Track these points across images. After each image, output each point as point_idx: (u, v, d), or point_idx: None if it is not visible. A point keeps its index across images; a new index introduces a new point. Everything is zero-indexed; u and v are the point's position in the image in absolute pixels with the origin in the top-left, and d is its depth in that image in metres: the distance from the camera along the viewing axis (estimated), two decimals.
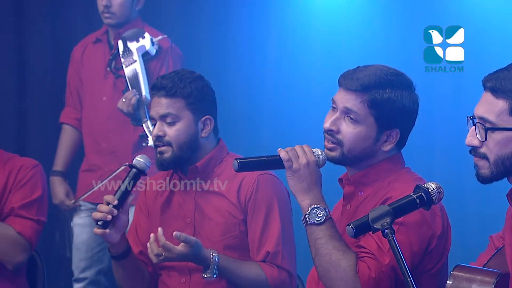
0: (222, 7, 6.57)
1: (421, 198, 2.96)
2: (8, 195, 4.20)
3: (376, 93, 3.27)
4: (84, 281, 5.57)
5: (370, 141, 3.29)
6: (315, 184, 3.24)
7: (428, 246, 3.22)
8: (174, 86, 3.85)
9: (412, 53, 6.42)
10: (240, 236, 3.85)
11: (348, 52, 6.55)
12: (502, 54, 6.41)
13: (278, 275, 3.81)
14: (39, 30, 6.45)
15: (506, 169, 2.96)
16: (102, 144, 5.43)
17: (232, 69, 6.48)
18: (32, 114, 6.49)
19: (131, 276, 3.91)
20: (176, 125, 3.86)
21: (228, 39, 6.52)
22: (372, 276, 3.14)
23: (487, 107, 2.97)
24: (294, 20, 6.76)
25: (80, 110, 5.55)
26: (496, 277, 3.00)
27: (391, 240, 2.85)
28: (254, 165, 3.35)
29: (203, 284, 3.85)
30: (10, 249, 4.15)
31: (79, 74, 5.54)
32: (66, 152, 5.59)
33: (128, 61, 5.14)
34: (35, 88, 6.47)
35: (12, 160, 4.27)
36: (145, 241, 3.89)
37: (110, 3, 5.33)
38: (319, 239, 3.19)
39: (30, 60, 6.50)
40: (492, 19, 6.59)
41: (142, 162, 3.76)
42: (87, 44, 5.56)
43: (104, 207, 3.68)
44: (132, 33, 5.22)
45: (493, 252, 3.19)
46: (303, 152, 3.25)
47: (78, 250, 5.57)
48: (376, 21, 6.71)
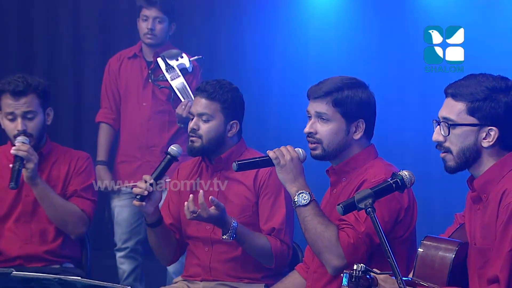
0: (236, 20, 6.36)
1: (397, 183, 3.00)
2: (70, 179, 4.23)
3: (337, 94, 3.37)
4: (126, 250, 5.55)
5: (342, 133, 3.38)
6: (299, 174, 3.36)
7: (397, 217, 3.30)
8: (214, 92, 3.86)
9: (412, 53, 5.89)
10: (252, 216, 3.85)
11: (348, 52, 6.14)
12: (502, 54, 5.78)
13: (280, 247, 3.81)
14: (92, 44, 6.48)
15: (467, 159, 2.98)
16: (142, 140, 5.40)
17: (244, 76, 6.25)
18: (85, 114, 6.46)
19: (161, 240, 3.91)
20: (209, 123, 3.86)
21: (242, 51, 6.35)
22: (351, 242, 3.24)
23: (449, 109, 3.00)
24: (298, 22, 6.26)
25: (115, 111, 5.52)
26: (457, 245, 3.01)
27: (372, 217, 2.87)
28: (249, 165, 3.50)
29: (222, 253, 3.87)
30: (75, 223, 4.18)
31: (116, 82, 5.50)
32: (106, 145, 5.55)
33: (173, 75, 5.15)
34: (88, 93, 6.46)
35: (70, 152, 4.31)
36: (176, 214, 3.95)
37: (154, 28, 5.33)
38: (306, 217, 3.29)
39: (84, 71, 6.50)
40: (492, 19, 5.90)
41: (175, 150, 3.78)
42: (123, 58, 5.52)
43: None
44: (171, 53, 5.23)
45: (457, 227, 3.21)
46: (287, 151, 3.38)
47: (120, 226, 5.54)
48: (376, 21, 6.13)
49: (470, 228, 3.05)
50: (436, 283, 2.97)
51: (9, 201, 4.16)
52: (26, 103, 4.08)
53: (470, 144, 2.97)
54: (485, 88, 2.95)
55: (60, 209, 4.12)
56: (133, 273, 5.54)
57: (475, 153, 2.98)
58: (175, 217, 3.95)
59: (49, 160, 4.23)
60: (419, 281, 2.99)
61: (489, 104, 2.94)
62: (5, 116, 4.11)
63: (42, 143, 4.20)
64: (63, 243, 4.20)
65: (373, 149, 3.45)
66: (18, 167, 3.96)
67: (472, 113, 2.95)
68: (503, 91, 2.95)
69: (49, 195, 4.10)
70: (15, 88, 4.06)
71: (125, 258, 5.54)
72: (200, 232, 3.88)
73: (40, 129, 4.13)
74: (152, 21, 5.33)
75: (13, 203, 4.17)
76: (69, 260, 4.25)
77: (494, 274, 2.87)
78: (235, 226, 3.69)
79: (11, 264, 4.06)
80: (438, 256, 3.00)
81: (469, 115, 2.96)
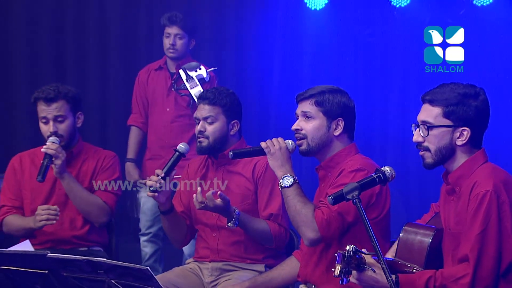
0: (242, 35, 6.26)
1: (380, 177, 3.05)
2: (97, 175, 4.25)
3: (319, 96, 3.45)
4: (149, 235, 5.57)
5: (324, 129, 3.44)
6: (286, 161, 3.44)
7: (369, 201, 3.34)
8: (215, 98, 3.90)
9: (412, 53, 5.56)
10: (252, 203, 3.88)
11: (349, 52, 5.88)
12: (502, 54, 5.43)
13: (278, 229, 3.84)
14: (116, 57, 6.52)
15: (443, 156, 3.04)
16: (165, 140, 5.44)
17: (247, 82, 6.23)
18: (111, 118, 6.52)
19: (173, 226, 3.94)
20: (214, 124, 3.90)
21: (246, 58, 6.29)
22: (324, 218, 3.30)
23: (427, 113, 3.05)
24: (297, 22, 5.99)
25: (144, 116, 5.57)
26: (434, 231, 3.06)
27: (358, 207, 2.92)
28: (244, 154, 3.61)
29: (227, 237, 3.89)
30: (98, 213, 4.20)
31: (144, 91, 5.56)
32: (135, 145, 5.61)
33: (192, 85, 5.18)
34: (113, 100, 6.50)
35: (98, 151, 4.34)
36: (186, 203, 3.98)
37: (175, 43, 5.41)
38: (288, 196, 3.37)
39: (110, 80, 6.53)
40: (492, 19, 5.45)
41: (183, 148, 3.82)
42: (150, 70, 5.59)
43: (154, 178, 3.74)
44: (191, 65, 5.28)
45: (432, 215, 3.24)
46: (277, 141, 3.48)
47: (145, 214, 5.57)
48: (376, 21, 5.75)
49: (444, 216, 3.09)
50: (415, 263, 3.00)
51: (45, 193, 4.20)
52: (57, 108, 4.13)
53: (446, 143, 3.02)
54: (457, 94, 3.00)
55: (84, 200, 4.16)
56: (154, 255, 5.58)
57: (451, 150, 3.03)
58: (186, 205, 3.99)
59: (79, 158, 4.26)
60: (401, 261, 3.03)
61: (462, 108, 2.99)
62: (40, 120, 4.17)
63: (74, 143, 4.24)
64: (90, 229, 4.23)
65: (354, 147, 3.50)
66: (46, 163, 4.02)
67: (448, 116, 3.01)
68: (472, 96, 3.01)
69: (75, 188, 4.13)
70: (47, 95, 4.12)
71: (148, 242, 5.58)
72: (208, 219, 3.91)
73: (70, 130, 4.17)
74: (173, 37, 5.42)
75: (48, 195, 4.21)
76: (97, 244, 4.28)
77: (464, 254, 2.91)
78: (238, 214, 3.73)
79: (44, 246, 4.10)
80: (417, 240, 3.04)
81: (445, 118, 3.01)
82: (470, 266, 2.88)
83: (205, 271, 3.93)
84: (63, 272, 3.05)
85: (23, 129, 6.39)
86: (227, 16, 6.38)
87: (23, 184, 4.23)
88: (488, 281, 2.89)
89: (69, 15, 6.48)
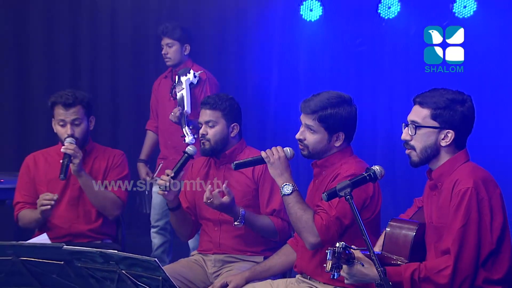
0: (241, 41, 6.25)
1: (370, 176, 3.07)
2: (108, 173, 4.29)
3: (321, 112, 3.40)
4: (157, 228, 5.61)
5: (324, 142, 3.44)
6: (285, 170, 3.43)
7: (364, 203, 3.35)
8: (215, 103, 3.91)
9: (412, 53, 5.33)
10: (252, 199, 3.89)
11: (349, 52, 5.73)
12: (502, 54, 5.19)
13: (282, 224, 3.85)
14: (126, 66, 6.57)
15: (428, 155, 3.06)
16: (169, 142, 5.49)
17: (248, 87, 6.20)
18: (121, 121, 6.58)
19: (180, 221, 3.96)
20: (215, 128, 3.92)
21: (246, 64, 6.28)
22: (323, 224, 3.29)
23: (416, 114, 3.08)
24: (294, 31, 5.89)
25: (157, 121, 5.64)
26: (417, 225, 3.08)
27: (351, 203, 2.95)
28: (245, 164, 3.58)
29: (228, 231, 3.91)
30: (112, 206, 4.24)
31: (156, 98, 5.64)
32: (148, 148, 5.68)
33: (178, 89, 5.23)
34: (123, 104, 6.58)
35: (108, 150, 4.37)
36: (191, 200, 4.00)
37: (167, 52, 5.46)
38: (289, 203, 3.36)
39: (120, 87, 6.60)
40: (492, 19, 5.18)
41: (192, 150, 3.86)
42: (161, 79, 5.65)
43: (165, 177, 3.77)
44: (183, 70, 5.31)
45: (416, 209, 3.27)
46: (276, 151, 3.46)
47: (154, 209, 5.60)
48: (376, 21, 5.53)
49: (427, 210, 3.11)
50: (401, 255, 3.03)
51: (60, 189, 4.23)
52: (74, 113, 4.16)
53: (431, 143, 3.05)
54: (446, 99, 3.02)
55: (99, 195, 4.20)
56: (162, 247, 5.62)
57: (435, 150, 3.05)
58: (191, 202, 4.01)
59: (91, 156, 4.29)
60: (387, 254, 3.05)
61: (449, 112, 3.02)
62: (57, 123, 4.20)
63: (86, 143, 4.28)
64: (103, 222, 4.26)
65: (349, 149, 3.50)
66: (66, 162, 4.07)
67: (435, 118, 3.03)
68: (460, 102, 3.03)
69: (91, 184, 4.18)
70: (66, 101, 4.16)
71: (157, 234, 5.62)
72: (211, 214, 3.92)
73: (84, 133, 4.21)
74: (165, 47, 5.47)
75: (63, 190, 4.24)
76: (108, 237, 4.31)
77: (446, 246, 2.94)
78: (243, 213, 3.74)
79: (62, 240, 4.12)
80: (402, 234, 3.06)
81: (432, 120, 3.04)
82: (451, 259, 2.90)
83: (209, 263, 3.95)
84: (77, 263, 3.06)
85: (37, 129, 6.43)
86: (229, 25, 6.41)
87: (39, 181, 4.26)
88: (468, 272, 2.92)
89: (83, 19, 6.57)
